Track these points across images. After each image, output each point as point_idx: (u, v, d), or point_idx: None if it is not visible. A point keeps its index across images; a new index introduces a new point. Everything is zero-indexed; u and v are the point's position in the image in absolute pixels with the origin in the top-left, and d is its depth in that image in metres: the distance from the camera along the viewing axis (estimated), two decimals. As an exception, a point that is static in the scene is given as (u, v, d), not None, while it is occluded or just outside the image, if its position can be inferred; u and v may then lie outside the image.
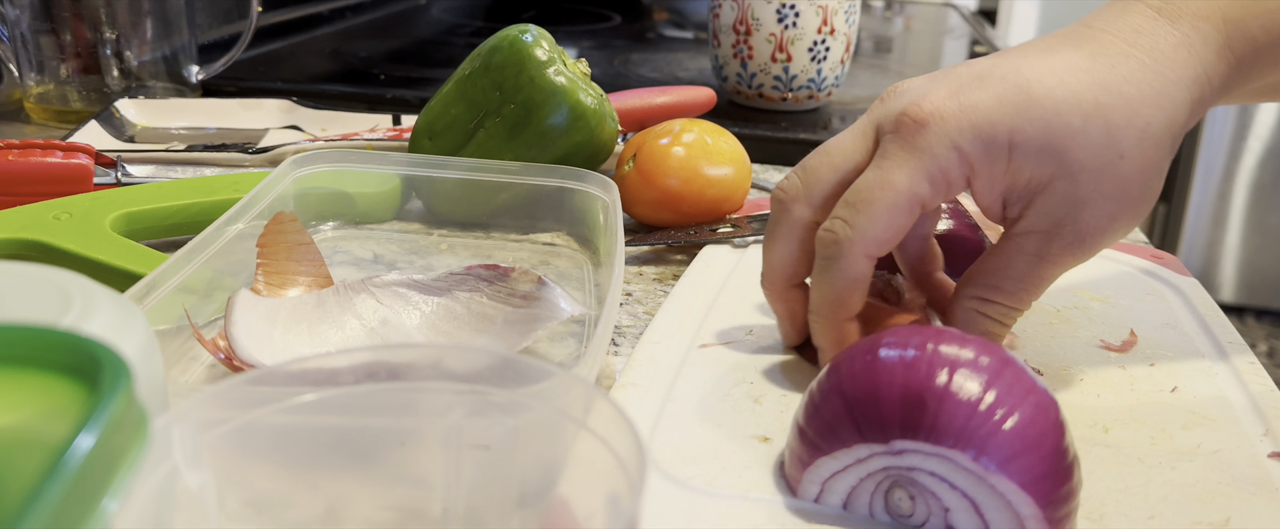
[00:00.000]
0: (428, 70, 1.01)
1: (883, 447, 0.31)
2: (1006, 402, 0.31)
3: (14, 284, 0.29)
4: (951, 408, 0.30)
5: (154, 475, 0.24)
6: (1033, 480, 0.30)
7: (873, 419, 0.31)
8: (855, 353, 0.33)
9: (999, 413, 0.30)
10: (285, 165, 0.54)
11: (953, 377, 0.31)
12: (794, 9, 0.82)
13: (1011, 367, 0.32)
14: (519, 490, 0.30)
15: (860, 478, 0.32)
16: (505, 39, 0.57)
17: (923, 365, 0.31)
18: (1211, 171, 2.43)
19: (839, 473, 0.33)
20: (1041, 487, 0.30)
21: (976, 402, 0.30)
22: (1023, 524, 0.30)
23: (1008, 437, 0.30)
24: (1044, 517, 0.30)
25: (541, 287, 0.44)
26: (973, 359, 0.32)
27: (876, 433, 0.31)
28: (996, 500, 0.30)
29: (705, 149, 0.59)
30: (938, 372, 0.31)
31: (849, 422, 0.32)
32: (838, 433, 0.32)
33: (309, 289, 0.45)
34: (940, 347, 0.32)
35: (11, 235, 0.48)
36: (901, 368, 0.32)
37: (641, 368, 0.42)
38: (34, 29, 0.79)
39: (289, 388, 0.28)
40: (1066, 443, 0.31)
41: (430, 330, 0.44)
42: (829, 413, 0.33)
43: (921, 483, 0.31)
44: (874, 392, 0.32)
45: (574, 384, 0.28)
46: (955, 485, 0.31)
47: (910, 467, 0.31)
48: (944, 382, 0.31)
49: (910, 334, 0.33)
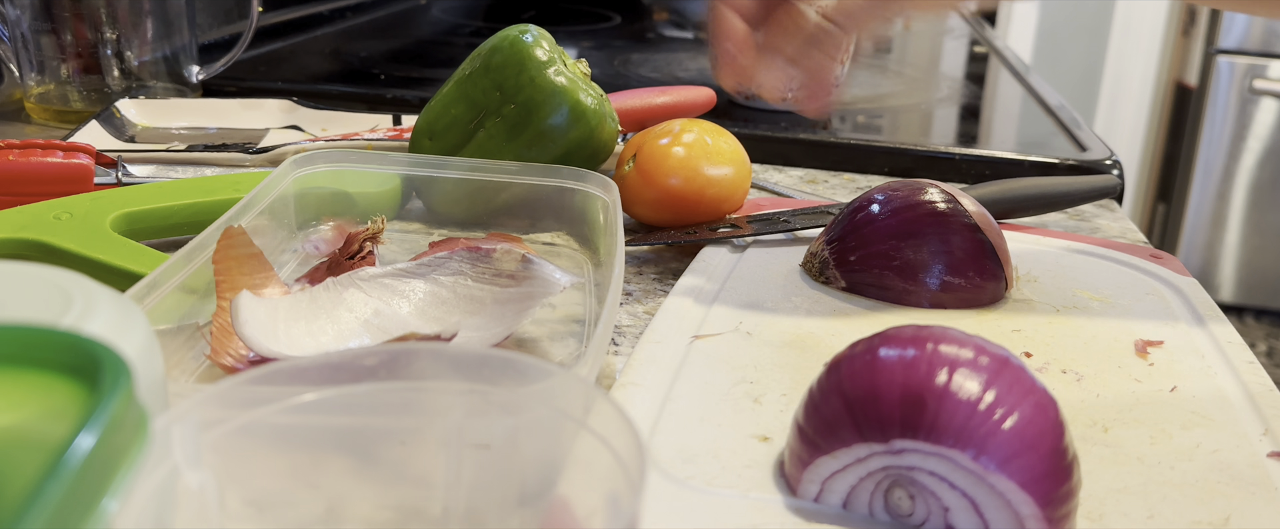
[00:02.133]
0: (428, 70, 1.01)
1: (882, 446, 0.31)
2: (1006, 401, 0.31)
3: (14, 284, 0.29)
4: (951, 407, 0.31)
5: (154, 475, 0.24)
6: (1032, 480, 0.30)
7: (872, 419, 0.31)
8: (855, 352, 0.34)
9: (999, 412, 0.31)
10: (286, 165, 0.54)
11: (952, 376, 0.31)
12: (794, 9, 0.82)
13: (1011, 366, 0.32)
14: (519, 490, 0.30)
15: (860, 477, 0.32)
16: (505, 39, 0.57)
17: (922, 365, 0.32)
18: (1211, 171, 2.43)
19: (839, 472, 0.33)
20: (1041, 486, 0.30)
21: (976, 401, 0.31)
22: (1022, 523, 0.30)
23: (1007, 436, 0.30)
24: (1043, 516, 0.30)
25: (528, 264, 0.44)
26: (972, 359, 0.32)
27: (876, 432, 0.31)
28: (996, 500, 0.30)
29: (705, 149, 0.59)
30: (938, 371, 0.31)
31: (848, 421, 0.32)
32: (837, 432, 0.32)
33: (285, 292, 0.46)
34: (940, 346, 0.32)
35: (12, 235, 0.48)
36: (901, 367, 0.32)
37: (641, 367, 0.42)
38: (34, 29, 0.79)
39: (289, 387, 0.28)
40: (1066, 442, 0.31)
41: (422, 317, 0.44)
42: (828, 412, 0.33)
43: (921, 482, 0.31)
44: (874, 391, 0.32)
45: (574, 384, 0.28)
46: (955, 485, 0.31)
47: (910, 466, 0.31)
48: (944, 381, 0.31)
49: (911, 334, 0.33)
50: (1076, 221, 0.68)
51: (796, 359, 0.44)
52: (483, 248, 0.45)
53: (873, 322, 0.48)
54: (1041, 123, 0.89)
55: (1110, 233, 0.65)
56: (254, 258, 0.46)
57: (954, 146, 0.77)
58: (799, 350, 0.45)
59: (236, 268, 0.45)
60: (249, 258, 0.45)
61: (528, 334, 0.47)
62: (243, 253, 0.45)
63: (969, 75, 1.12)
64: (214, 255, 0.44)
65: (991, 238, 0.50)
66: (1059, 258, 0.57)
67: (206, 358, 0.41)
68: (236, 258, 0.45)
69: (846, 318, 0.49)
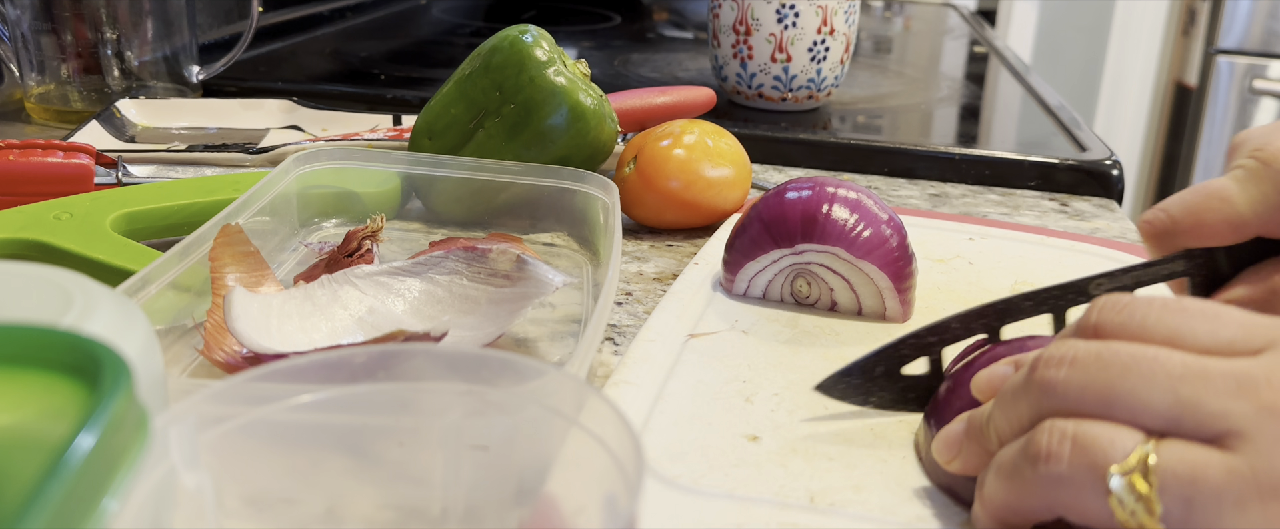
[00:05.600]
0: (428, 70, 1.01)
1: (789, 249, 0.48)
2: (864, 220, 0.47)
3: (14, 284, 0.29)
4: (833, 223, 0.47)
5: (153, 475, 0.24)
6: (886, 264, 0.47)
7: (783, 232, 0.48)
8: (768, 195, 0.50)
9: (861, 227, 0.47)
10: (287, 163, 0.54)
11: (832, 206, 0.48)
12: (794, 9, 0.82)
13: (864, 204, 0.48)
14: (517, 488, 0.30)
15: (774, 274, 0.50)
16: (505, 39, 0.57)
17: (814, 200, 0.48)
18: (1211, 172, 2.43)
19: (759, 272, 0.50)
20: (892, 268, 0.47)
21: (846, 220, 0.47)
22: (881, 292, 0.48)
23: (867, 239, 0.47)
24: (894, 287, 0.48)
25: (523, 264, 0.44)
26: (844, 197, 0.48)
27: (785, 240, 0.48)
28: (863, 278, 0.48)
29: (706, 150, 0.59)
30: (823, 203, 0.48)
31: (767, 235, 0.49)
32: (759, 243, 0.49)
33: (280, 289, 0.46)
34: (825, 188, 0.48)
35: (12, 235, 0.48)
36: (800, 202, 0.48)
37: (635, 365, 0.42)
38: (35, 29, 0.79)
39: (289, 387, 0.28)
40: (906, 244, 0.48)
41: (416, 316, 0.44)
42: (753, 232, 0.49)
43: (815, 272, 0.49)
44: (783, 215, 0.48)
45: (566, 382, 0.28)
46: (836, 271, 0.48)
47: (807, 261, 0.48)
48: (826, 209, 0.48)
49: (807, 183, 0.49)
50: (1076, 222, 0.68)
51: (790, 358, 0.44)
52: (479, 247, 0.45)
53: (866, 322, 0.49)
54: (1041, 123, 0.89)
55: (1110, 233, 0.66)
56: (250, 255, 0.46)
57: (954, 146, 0.77)
58: (793, 350, 0.45)
59: (233, 265, 0.45)
60: (245, 255, 0.46)
61: (527, 334, 0.47)
62: (239, 250, 0.45)
63: (969, 75, 1.12)
64: (211, 252, 0.44)
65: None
66: (1059, 258, 0.57)
67: (200, 353, 0.41)
68: (233, 255, 0.45)
69: (842, 318, 0.49)
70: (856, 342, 0.46)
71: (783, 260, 0.49)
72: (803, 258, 0.48)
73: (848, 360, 0.39)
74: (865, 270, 0.47)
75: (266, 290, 0.45)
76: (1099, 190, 0.74)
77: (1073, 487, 0.29)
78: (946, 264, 0.56)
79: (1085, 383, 0.30)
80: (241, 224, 0.47)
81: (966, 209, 0.70)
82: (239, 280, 0.44)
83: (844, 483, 0.36)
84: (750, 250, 0.49)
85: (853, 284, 0.48)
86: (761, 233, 0.49)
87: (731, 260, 0.50)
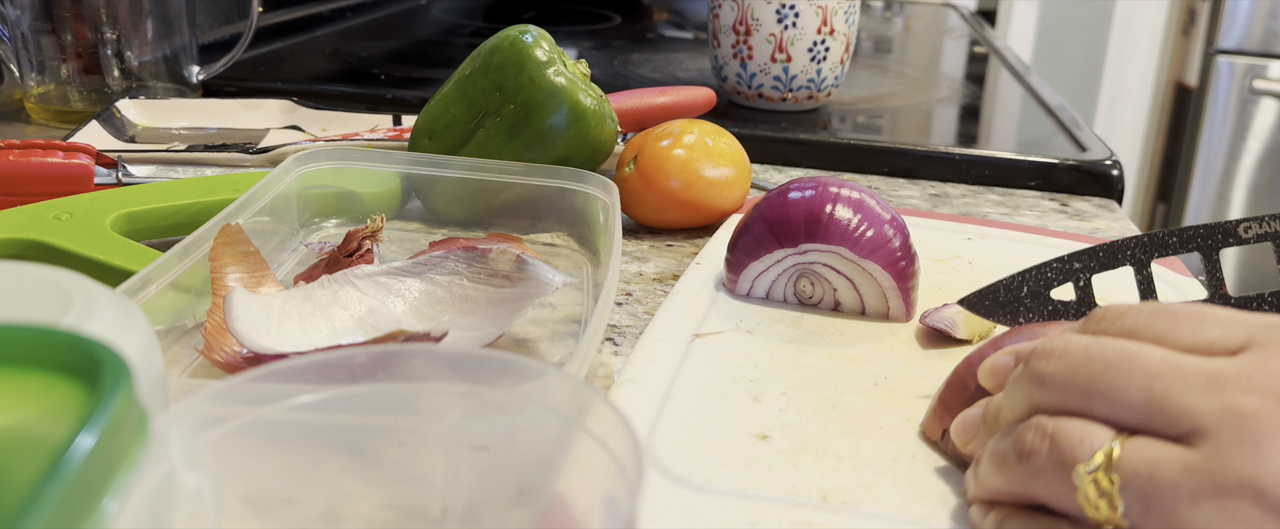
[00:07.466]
0: (428, 70, 1.01)
1: (793, 249, 0.48)
2: (867, 221, 0.48)
3: (14, 284, 0.29)
4: (836, 223, 0.48)
5: (153, 475, 0.24)
6: (888, 263, 0.47)
7: (786, 232, 0.48)
8: (771, 196, 0.50)
9: (863, 227, 0.47)
10: (287, 163, 0.54)
11: (835, 207, 0.48)
12: (794, 9, 0.82)
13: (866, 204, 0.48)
14: (517, 488, 0.30)
15: (778, 274, 0.50)
16: (505, 39, 0.57)
17: (817, 200, 0.48)
18: (1211, 171, 2.43)
19: (763, 272, 0.50)
20: (895, 267, 0.48)
21: (849, 221, 0.47)
22: (884, 291, 0.48)
23: (870, 239, 0.47)
24: (897, 286, 0.48)
25: (523, 264, 0.44)
26: (847, 197, 0.48)
27: (789, 240, 0.48)
28: (866, 277, 0.48)
29: (706, 150, 0.59)
30: (826, 203, 0.48)
31: (770, 236, 0.49)
32: (762, 243, 0.49)
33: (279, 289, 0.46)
34: (828, 189, 0.48)
35: (12, 235, 0.48)
36: (804, 202, 0.48)
37: (641, 365, 0.42)
38: (35, 29, 0.79)
39: (289, 387, 0.28)
40: (909, 244, 0.48)
41: (416, 316, 0.44)
42: (756, 232, 0.49)
43: (818, 272, 0.49)
44: (787, 215, 0.48)
45: (565, 382, 0.28)
46: (840, 271, 0.48)
47: (811, 261, 0.48)
48: (830, 210, 0.48)
49: (810, 183, 0.49)
50: (1076, 222, 0.68)
51: (796, 358, 0.44)
52: (479, 248, 0.45)
53: (869, 321, 0.49)
54: (1041, 123, 0.89)
55: (1110, 233, 0.66)
56: (251, 255, 0.46)
57: (954, 146, 0.77)
58: (799, 349, 0.45)
59: (233, 265, 0.45)
60: (246, 255, 0.45)
61: (527, 335, 0.47)
62: (240, 250, 0.45)
63: (969, 75, 1.12)
64: (211, 252, 0.44)
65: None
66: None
67: (200, 353, 0.41)
68: (233, 255, 0.45)
69: (846, 318, 0.49)
70: (862, 341, 0.46)
71: (786, 260, 0.49)
72: (806, 258, 0.48)
73: (854, 359, 0.39)
74: (869, 270, 0.48)
75: (266, 290, 0.45)
76: (1099, 190, 0.74)
77: (1049, 482, 0.30)
78: (947, 264, 0.56)
79: (1069, 376, 0.31)
80: (241, 224, 0.47)
81: (966, 209, 0.70)
82: (239, 280, 0.44)
83: (855, 482, 0.36)
84: (754, 250, 0.49)
85: (856, 284, 0.48)
86: (765, 233, 0.49)
87: (735, 260, 0.50)
